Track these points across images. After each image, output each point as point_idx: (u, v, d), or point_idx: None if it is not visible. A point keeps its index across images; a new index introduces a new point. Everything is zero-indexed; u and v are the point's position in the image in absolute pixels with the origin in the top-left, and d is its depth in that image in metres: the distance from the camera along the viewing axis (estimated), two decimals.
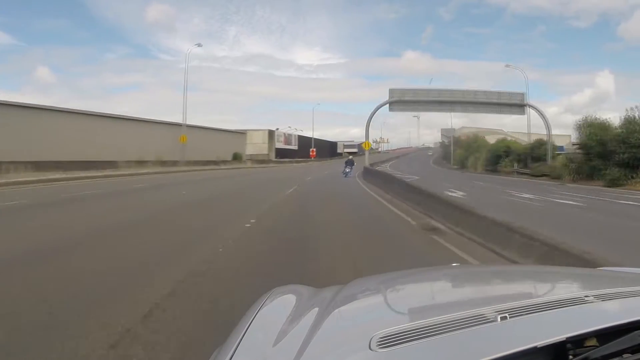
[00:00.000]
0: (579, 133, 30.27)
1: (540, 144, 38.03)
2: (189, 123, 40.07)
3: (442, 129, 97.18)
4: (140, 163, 30.32)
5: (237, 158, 50.51)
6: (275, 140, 68.60)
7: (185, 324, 3.27)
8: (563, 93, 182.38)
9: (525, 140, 44.90)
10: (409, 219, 9.53)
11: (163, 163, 32.99)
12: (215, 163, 41.32)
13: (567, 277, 1.56)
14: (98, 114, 31.99)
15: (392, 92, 37.71)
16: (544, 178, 32.62)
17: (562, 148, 38.86)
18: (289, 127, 78.06)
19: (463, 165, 55.88)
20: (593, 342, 0.82)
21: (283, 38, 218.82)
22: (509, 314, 0.89)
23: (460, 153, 60.70)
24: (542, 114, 37.90)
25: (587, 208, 14.04)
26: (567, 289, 1.34)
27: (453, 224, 7.46)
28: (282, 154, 68.42)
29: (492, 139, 55.37)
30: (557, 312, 0.93)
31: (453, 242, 6.78)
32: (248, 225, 8.11)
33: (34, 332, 3.10)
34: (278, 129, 71.06)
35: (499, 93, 37.55)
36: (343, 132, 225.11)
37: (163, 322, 3.33)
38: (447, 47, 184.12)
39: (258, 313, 1.17)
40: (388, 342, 0.82)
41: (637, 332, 0.79)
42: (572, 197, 17.77)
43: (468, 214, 7.14)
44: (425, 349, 0.81)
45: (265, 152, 63.95)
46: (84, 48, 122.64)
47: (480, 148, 52.56)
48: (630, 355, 0.78)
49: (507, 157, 42.14)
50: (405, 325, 0.90)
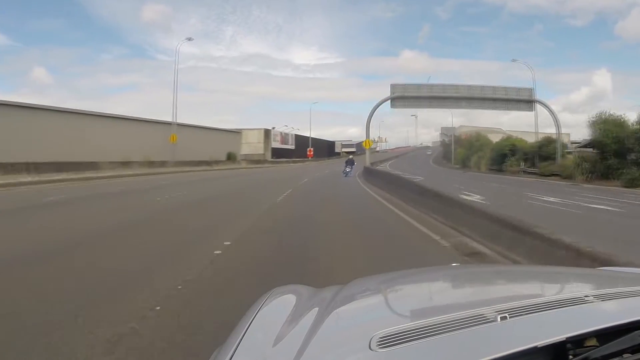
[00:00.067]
0: (593, 130, 28.53)
1: (549, 142, 36.41)
2: (180, 122, 38.06)
3: (442, 128, 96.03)
4: (125, 164, 28.19)
5: (231, 158, 48.64)
6: (272, 140, 66.75)
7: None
8: (560, 92, 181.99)
9: (528, 139, 43.19)
10: (434, 235, 7.47)
11: (150, 164, 30.92)
12: (208, 163, 39.45)
13: (567, 277, 1.53)
14: (77, 112, 29.58)
15: (393, 87, 35.63)
16: (554, 178, 31.14)
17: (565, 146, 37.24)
18: (286, 126, 76.12)
19: (465, 165, 54.71)
20: (593, 342, 0.81)
21: (280, 38, 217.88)
22: (509, 314, 0.88)
23: (462, 152, 59.53)
24: (551, 111, 36.34)
25: (628, 215, 12.17)
26: (567, 289, 1.31)
27: (505, 247, 5.44)
28: (278, 154, 66.54)
29: (492, 138, 54.08)
30: (557, 312, 0.92)
31: None
32: (218, 252, 5.87)
33: None
34: (274, 128, 69.15)
35: (506, 89, 35.71)
36: (340, 131, 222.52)
37: None
38: (444, 46, 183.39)
39: (258, 313, 1.16)
40: (388, 342, 0.81)
41: (637, 332, 0.78)
42: (599, 200, 15.95)
43: (526, 234, 5.13)
44: (425, 349, 0.80)
45: (261, 151, 62.35)
46: (80, 48, 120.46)
47: (484, 147, 51.47)
48: (630, 355, 0.77)
49: (512, 155, 40.50)
50: (405, 325, 0.89)
